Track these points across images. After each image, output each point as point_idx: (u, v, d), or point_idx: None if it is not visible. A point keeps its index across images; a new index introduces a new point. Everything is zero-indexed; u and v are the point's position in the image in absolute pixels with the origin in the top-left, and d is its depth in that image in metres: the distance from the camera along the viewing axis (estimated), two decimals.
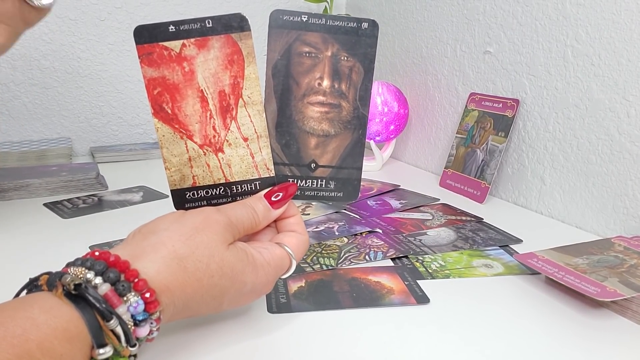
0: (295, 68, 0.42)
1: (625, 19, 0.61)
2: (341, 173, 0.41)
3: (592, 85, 0.66)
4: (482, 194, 0.77)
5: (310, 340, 0.41)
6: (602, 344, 0.42)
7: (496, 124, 0.78)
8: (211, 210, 0.38)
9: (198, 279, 0.35)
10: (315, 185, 0.41)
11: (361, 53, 0.41)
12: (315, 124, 0.42)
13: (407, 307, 0.47)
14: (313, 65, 0.42)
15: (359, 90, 0.41)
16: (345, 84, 0.42)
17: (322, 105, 0.42)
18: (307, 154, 0.42)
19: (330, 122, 0.41)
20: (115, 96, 1.05)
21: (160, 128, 0.39)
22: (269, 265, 0.39)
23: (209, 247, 0.36)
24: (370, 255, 0.57)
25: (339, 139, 0.42)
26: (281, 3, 1.15)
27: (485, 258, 0.57)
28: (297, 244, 0.41)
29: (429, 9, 0.93)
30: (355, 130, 0.41)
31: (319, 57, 0.41)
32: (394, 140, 0.97)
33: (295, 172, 0.42)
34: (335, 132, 0.42)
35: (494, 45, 0.80)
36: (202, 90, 0.40)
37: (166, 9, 1.05)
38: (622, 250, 0.54)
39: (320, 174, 0.41)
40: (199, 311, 0.37)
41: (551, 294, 0.50)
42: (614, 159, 0.64)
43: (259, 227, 0.41)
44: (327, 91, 0.41)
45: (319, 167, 0.41)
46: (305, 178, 0.42)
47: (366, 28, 0.41)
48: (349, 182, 0.41)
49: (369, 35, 0.41)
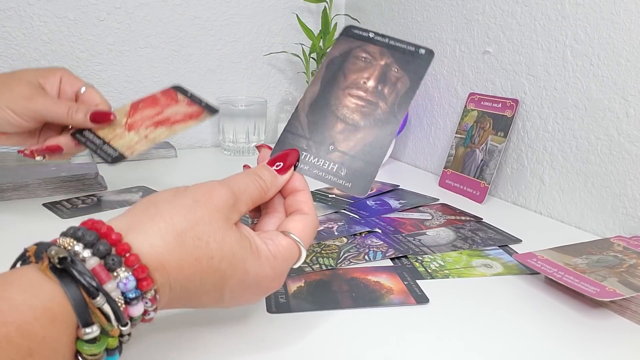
0: (348, 66, 0.45)
1: (625, 19, 0.61)
2: (356, 164, 0.40)
3: (591, 85, 0.66)
4: (481, 194, 0.77)
5: (309, 340, 0.41)
6: (601, 343, 0.42)
7: (495, 124, 0.78)
8: (215, 182, 0.36)
9: (196, 258, 0.32)
10: (326, 166, 0.41)
11: (411, 70, 0.43)
12: (348, 112, 0.43)
13: (407, 307, 0.47)
14: (365, 67, 0.44)
15: (400, 97, 0.42)
16: (389, 89, 0.43)
17: (361, 99, 0.43)
18: (329, 135, 0.42)
19: (363, 115, 0.42)
20: (115, 96, 1.05)
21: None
22: (275, 258, 0.36)
23: (210, 223, 0.33)
24: (370, 255, 0.57)
25: (366, 131, 0.42)
26: (281, 3, 1.15)
27: (484, 258, 0.58)
28: (303, 228, 0.38)
29: (428, 9, 0.93)
30: (384, 128, 0.41)
31: (373, 63, 0.44)
32: (393, 140, 0.97)
33: (312, 147, 0.42)
34: (364, 125, 0.42)
35: (493, 46, 0.80)
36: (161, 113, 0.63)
37: (166, 9, 1.05)
38: (621, 250, 0.54)
39: (335, 158, 0.41)
40: (200, 300, 0.34)
41: (550, 293, 0.50)
42: (613, 159, 0.64)
43: (267, 195, 0.39)
44: (370, 90, 0.43)
45: (336, 151, 0.41)
46: (318, 156, 0.41)
47: (423, 54, 0.43)
48: (362, 176, 0.40)
49: (424, 59, 0.43)
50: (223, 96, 1.13)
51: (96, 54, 1.02)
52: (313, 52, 1.06)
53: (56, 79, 0.60)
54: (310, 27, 1.13)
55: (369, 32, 0.45)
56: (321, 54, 1.05)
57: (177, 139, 1.12)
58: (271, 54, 1.17)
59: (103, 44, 1.02)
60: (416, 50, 0.43)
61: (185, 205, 0.33)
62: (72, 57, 1.00)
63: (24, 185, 0.75)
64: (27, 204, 0.72)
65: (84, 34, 1.00)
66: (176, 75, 1.09)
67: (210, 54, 1.11)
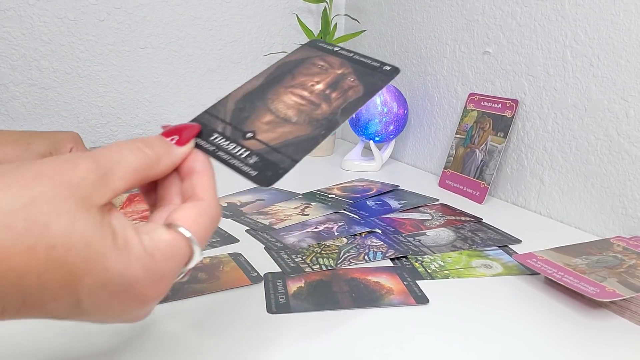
0: (300, 69, 0.41)
1: (624, 20, 0.61)
2: (273, 156, 0.35)
3: (591, 85, 0.66)
4: (481, 194, 0.77)
5: (309, 341, 0.41)
6: (601, 344, 0.42)
7: (495, 124, 0.78)
8: (77, 154, 0.28)
9: (29, 246, 0.24)
10: (235, 151, 0.36)
11: (369, 81, 0.40)
12: (283, 107, 0.39)
13: (407, 307, 0.47)
14: (318, 73, 0.41)
15: (347, 103, 0.38)
16: (337, 94, 0.39)
17: (303, 98, 0.39)
18: (252, 124, 0.38)
19: (299, 112, 0.38)
20: (114, 97, 1.05)
21: None
22: (151, 257, 0.27)
23: (53, 202, 0.25)
24: (370, 255, 0.57)
25: (295, 127, 0.37)
26: (281, 3, 1.15)
27: (484, 258, 0.58)
28: (194, 218, 0.30)
29: (428, 9, 0.93)
30: (317, 129, 0.37)
31: (329, 71, 0.41)
32: (393, 140, 0.97)
33: (227, 131, 0.37)
34: (296, 121, 0.38)
35: (493, 46, 0.80)
36: None
37: (166, 9, 1.05)
38: (621, 250, 0.54)
39: (250, 145, 0.36)
40: (46, 306, 0.26)
41: (550, 294, 0.50)
42: (613, 159, 0.64)
43: (159, 167, 0.31)
44: (316, 92, 0.40)
45: (254, 139, 0.37)
46: (229, 139, 0.37)
47: (387, 70, 0.40)
48: (273, 168, 0.35)
49: (386, 75, 0.40)
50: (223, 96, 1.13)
51: (96, 54, 1.02)
52: None
53: (66, 149, 0.59)
54: (310, 27, 1.13)
55: (335, 46, 0.43)
56: None
57: None
58: (271, 54, 1.17)
59: (103, 44, 1.02)
60: (381, 66, 0.40)
61: (22, 178, 0.25)
62: (72, 57, 1.00)
63: None
64: None
65: (84, 34, 1.00)
66: (176, 75, 1.09)
67: (210, 54, 1.11)
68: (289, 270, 0.53)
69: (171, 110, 1.10)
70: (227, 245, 0.60)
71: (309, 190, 0.81)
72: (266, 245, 0.60)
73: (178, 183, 0.33)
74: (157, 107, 1.09)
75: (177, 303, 0.46)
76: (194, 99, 1.12)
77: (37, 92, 0.99)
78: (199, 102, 1.12)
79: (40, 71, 0.99)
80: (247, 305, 0.46)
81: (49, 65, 0.99)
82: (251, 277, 0.52)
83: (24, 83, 0.98)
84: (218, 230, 0.64)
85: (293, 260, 0.55)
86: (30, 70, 0.98)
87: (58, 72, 1.00)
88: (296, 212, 0.70)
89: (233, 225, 0.66)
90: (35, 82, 0.99)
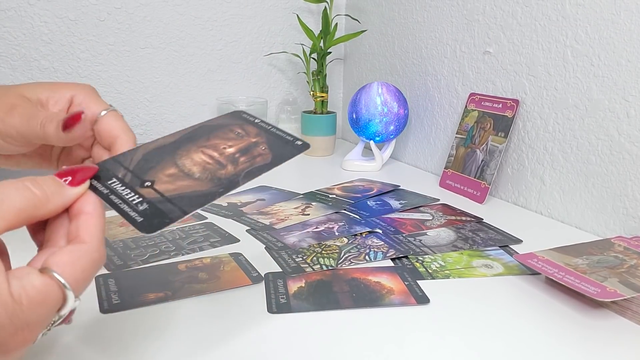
0: (217, 133, 0.42)
1: (625, 19, 0.61)
2: (164, 205, 0.36)
3: (592, 85, 0.66)
4: (481, 194, 0.77)
5: (310, 341, 0.41)
6: (602, 344, 0.42)
7: (496, 124, 0.78)
8: None
9: None
10: (127, 196, 0.36)
11: (278, 151, 0.41)
12: (189, 163, 0.39)
13: (407, 307, 0.47)
14: (233, 139, 0.42)
15: (252, 167, 0.39)
16: (246, 158, 0.40)
17: (211, 158, 0.39)
18: (154, 175, 0.38)
19: (203, 169, 0.39)
20: (115, 97, 1.05)
21: None
22: (19, 304, 0.27)
23: None
24: (370, 255, 0.57)
25: (196, 182, 0.38)
26: (281, 3, 1.15)
27: (485, 258, 0.58)
28: (72, 262, 0.29)
29: (429, 9, 0.93)
30: (217, 186, 0.37)
31: (244, 138, 0.42)
32: (393, 140, 0.97)
33: (126, 177, 0.38)
34: (198, 177, 0.38)
35: (494, 46, 0.80)
36: None
37: (166, 9, 1.05)
38: (622, 250, 0.54)
39: (144, 192, 0.36)
40: None
41: (551, 294, 0.50)
42: (614, 159, 0.64)
43: (46, 208, 0.31)
44: (226, 154, 0.40)
45: (151, 188, 0.37)
46: (126, 185, 0.37)
47: (298, 144, 0.41)
48: (161, 216, 0.35)
49: (296, 148, 0.41)
50: (223, 96, 1.13)
51: (96, 54, 1.02)
52: (313, 52, 1.06)
53: (64, 96, 0.43)
54: (311, 27, 1.13)
55: (257, 118, 0.44)
56: (322, 54, 1.05)
57: None
58: (272, 54, 1.17)
59: (103, 44, 1.02)
60: (294, 140, 0.42)
61: None
62: (73, 57, 1.00)
63: None
64: None
65: (85, 34, 1.00)
66: (177, 75, 1.09)
67: (211, 54, 1.11)
68: (289, 270, 0.53)
69: (171, 111, 1.11)
70: (228, 245, 0.60)
71: (310, 190, 0.81)
72: (267, 245, 0.60)
73: (67, 224, 0.32)
74: (158, 107, 1.09)
75: (178, 303, 0.46)
76: (194, 99, 1.12)
77: None
78: (199, 102, 1.12)
79: (40, 71, 0.99)
80: (247, 305, 0.46)
81: (49, 66, 0.99)
82: (252, 277, 0.52)
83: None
84: (218, 230, 0.64)
85: (294, 260, 0.55)
86: (31, 71, 0.98)
87: (59, 72, 1.00)
88: (297, 212, 0.70)
89: (233, 225, 0.66)
90: None
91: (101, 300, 0.46)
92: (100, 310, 0.45)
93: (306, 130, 1.08)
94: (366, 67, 1.15)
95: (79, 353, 0.39)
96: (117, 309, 0.45)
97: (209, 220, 0.68)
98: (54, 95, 0.42)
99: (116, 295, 0.47)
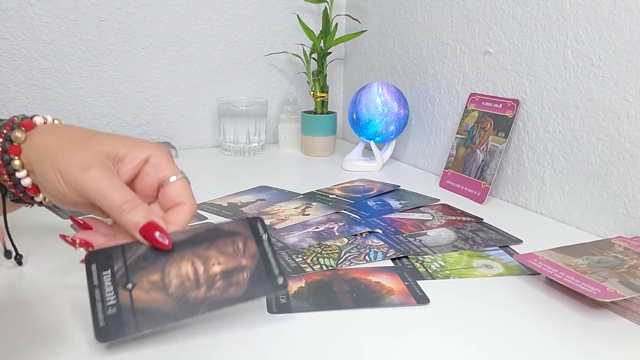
0: (220, 241, 0.44)
1: (625, 20, 0.61)
2: (128, 316, 0.38)
3: (592, 85, 0.66)
4: (482, 194, 0.77)
5: (310, 341, 0.41)
6: (602, 344, 0.42)
7: (496, 124, 0.78)
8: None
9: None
10: (107, 295, 0.39)
11: (254, 287, 0.41)
12: (174, 272, 0.42)
13: (407, 307, 0.47)
14: (228, 254, 0.43)
15: (219, 299, 0.40)
16: (221, 284, 0.41)
17: (195, 273, 0.41)
18: (140, 277, 0.41)
19: (180, 285, 0.41)
20: (115, 97, 1.05)
21: None
22: None
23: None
24: (370, 255, 0.57)
25: (166, 298, 0.40)
26: (282, 3, 1.15)
27: (485, 258, 0.58)
28: None
29: (429, 9, 0.93)
30: (179, 311, 0.39)
31: (237, 257, 0.43)
32: (394, 140, 0.97)
33: (118, 273, 0.41)
34: (170, 293, 0.40)
35: (494, 46, 0.80)
36: None
37: (167, 9, 1.05)
38: (622, 250, 0.54)
39: (122, 295, 0.40)
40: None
41: (551, 294, 0.50)
42: (614, 159, 0.64)
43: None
44: (209, 273, 0.42)
45: (130, 291, 0.40)
46: (113, 282, 0.40)
47: (278, 283, 0.42)
48: (117, 328, 0.38)
49: (274, 287, 0.42)
50: (224, 96, 1.13)
51: (97, 54, 1.02)
52: (314, 52, 1.07)
53: (142, 155, 0.44)
54: (311, 27, 1.13)
55: (267, 232, 0.45)
56: (322, 54, 1.05)
57: (178, 139, 1.12)
58: (272, 54, 1.17)
59: (104, 44, 1.02)
60: (277, 276, 0.42)
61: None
62: (73, 57, 1.00)
63: None
64: None
65: (85, 34, 1.00)
66: (177, 75, 1.09)
67: (211, 55, 1.11)
68: (289, 270, 0.53)
69: (172, 111, 1.11)
70: None
71: (310, 190, 0.81)
72: None
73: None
74: (158, 107, 1.09)
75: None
76: (194, 99, 1.12)
77: (38, 92, 0.99)
78: (199, 102, 1.12)
79: (41, 71, 0.99)
80: (247, 305, 0.46)
81: (49, 66, 0.99)
82: None
83: (25, 83, 0.98)
84: None
85: (294, 260, 0.55)
86: (31, 71, 0.98)
87: (59, 72, 1.00)
88: (297, 212, 0.70)
89: None
90: (36, 82, 0.99)
91: None
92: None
93: (306, 130, 1.08)
94: (366, 67, 1.15)
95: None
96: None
97: (209, 220, 0.68)
98: (132, 153, 0.44)
99: None
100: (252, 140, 1.06)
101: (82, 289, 0.41)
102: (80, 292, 0.43)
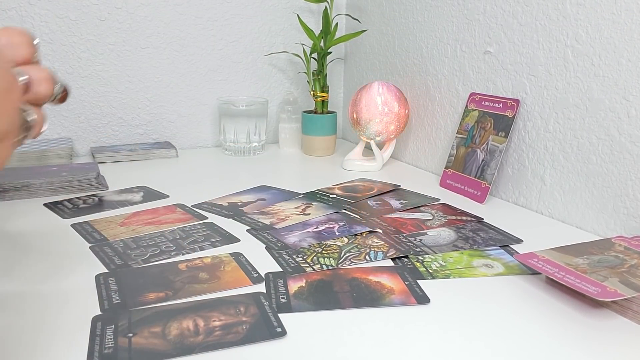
0: (223, 306, 0.46)
1: (626, 19, 0.61)
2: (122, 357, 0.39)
3: (592, 85, 0.66)
4: (482, 194, 0.77)
5: (310, 340, 0.41)
6: (602, 344, 0.42)
7: (496, 124, 0.78)
8: None
9: None
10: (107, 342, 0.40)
11: (253, 334, 0.42)
12: (175, 326, 0.42)
13: (408, 307, 0.47)
14: (229, 314, 0.44)
15: (217, 343, 0.40)
16: (220, 333, 0.42)
17: (195, 326, 0.42)
18: (141, 328, 0.42)
19: (179, 335, 0.41)
20: (115, 96, 1.05)
21: None
22: None
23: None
24: (371, 255, 0.57)
25: (162, 343, 0.40)
26: (282, 3, 1.15)
27: (485, 258, 0.57)
28: None
29: (429, 9, 0.93)
30: (174, 349, 0.39)
31: (238, 316, 0.44)
32: (394, 140, 0.97)
33: (121, 326, 0.42)
34: (169, 340, 0.41)
35: (494, 46, 0.80)
36: None
37: (167, 9, 1.05)
38: (622, 250, 0.54)
39: (121, 341, 0.40)
40: None
41: (551, 294, 0.50)
42: (614, 159, 0.64)
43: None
44: (209, 326, 0.43)
45: (130, 338, 0.41)
46: (115, 333, 0.41)
47: (276, 331, 0.42)
48: None
49: (270, 335, 0.42)
50: (224, 96, 1.13)
51: (97, 54, 1.02)
52: (314, 52, 1.06)
53: None
54: (311, 27, 1.13)
55: (268, 303, 0.46)
56: (322, 53, 1.05)
57: (178, 139, 1.12)
58: (272, 54, 1.17)
59: (104, 44, 1.02)
60: (276, 327, 0.42)
61: None
62: (74, 57, 1.00)
63: (25, 186, 0.75)
64: (28, 204, 0.73)
65: (85, 34, 1.00)
66: (177, 75, 1.09)
67: (212, 54, 1.11)
68: (289, 270, 0.53)
69: (172, 110, 1.11)
70: (228, 245, 0.60)
71: (310, 190, 0.81)
72: (267, 245, 0.60)
73: None
74: (158, 107, 1.09)
75: (178, 303, 0.46)
76: (195, 99, 1.12)
77: None
78: (199, 101, 1.12)
79: None
80: None
81: (50, 65, 0.99)
82: (252, 277, 0.52)
83: None
84: (219, 230, 0.64)
85: (294, 260, 0.55)
86: None
87: (59, 72, 1.00)
88: (297, 212, 0.70)
89: (234, 225, 0.66)
90: None
91: (101, 300, 0.46)
92: (100, 309, 0.45)
93: (306, 130, 1.08)
94: (367, 66, 1.15)
95: None
96: (118, 308, 0.45)
97: (210, 220, 0.68)
98: None
99: (117, 295, 0.47)
100: (253, 140, 1.06)
101: (83, 290, 0.41)
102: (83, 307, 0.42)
